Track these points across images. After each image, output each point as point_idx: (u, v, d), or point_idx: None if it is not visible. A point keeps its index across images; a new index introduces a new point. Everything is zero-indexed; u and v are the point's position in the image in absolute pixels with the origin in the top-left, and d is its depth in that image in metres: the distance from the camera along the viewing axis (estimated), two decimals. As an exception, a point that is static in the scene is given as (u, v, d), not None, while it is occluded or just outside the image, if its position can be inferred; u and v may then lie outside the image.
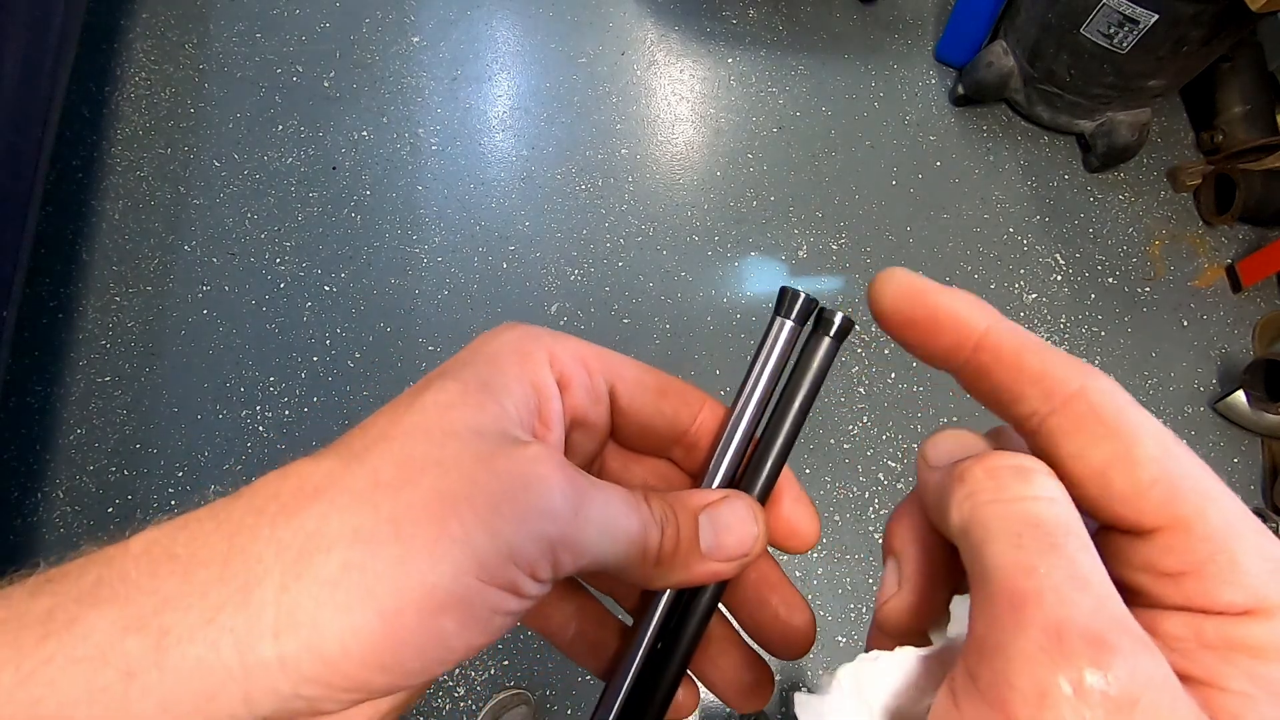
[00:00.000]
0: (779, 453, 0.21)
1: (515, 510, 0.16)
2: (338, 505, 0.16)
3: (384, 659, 0.15)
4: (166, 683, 0.14)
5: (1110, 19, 1.22)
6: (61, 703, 0.14)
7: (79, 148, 1.30)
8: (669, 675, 0.21)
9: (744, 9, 1.58)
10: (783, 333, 0.21)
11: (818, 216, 1.41)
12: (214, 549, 0.15)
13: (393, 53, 1.45)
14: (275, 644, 0.15)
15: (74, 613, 0.14)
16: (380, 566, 0.15)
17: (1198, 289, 1.45)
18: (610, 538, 0.17)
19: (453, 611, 0.15)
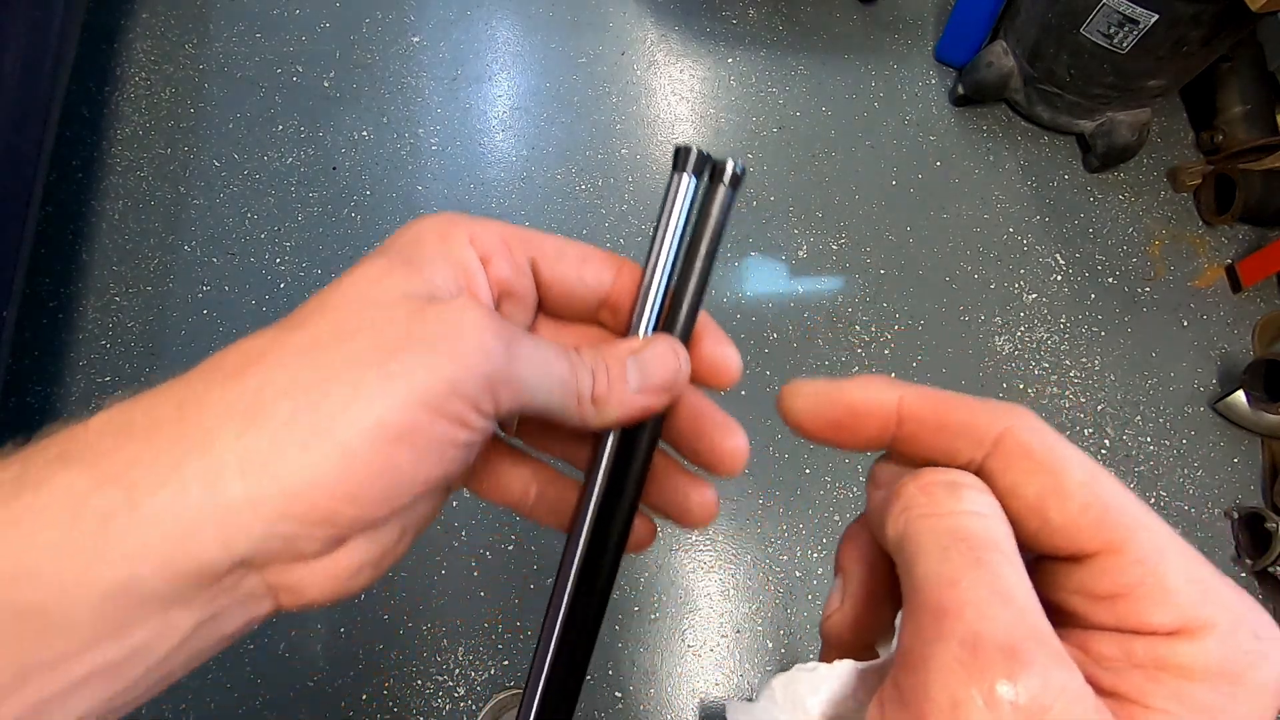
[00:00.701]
0: (692, 298, 0.22)
1: (452, 350, 0.17)
2: (281, 364, 0.16)
3: (348, 488, 0.16)
4: (142, 526, 0.15)
5: (1110, 19, 1.22)
6: (43, 550, 0.14)
7: (79, 148, 1.30)
8: (623, 510, 0.22)
9: (744, 9, 1.58)
10: (681, 187, 0.22)
11: (818, 216, 1.41)
12: (168, 415, 0.16)
13: (393, 53, 1.45)
14: (242, 484, 0.15)
15: (43, 474, 0.15)
16: (330, 406, 0.16)
17: (1198, 289, 1.45)
18: (544, 376, 0.19)
19: (405, 441, 0.16)
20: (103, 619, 0.15)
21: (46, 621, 0.14)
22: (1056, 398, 1.33)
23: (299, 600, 0.18)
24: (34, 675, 0.14)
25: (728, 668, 1.11)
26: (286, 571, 0.17)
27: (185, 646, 0.16)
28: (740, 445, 0.23)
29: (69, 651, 0.14)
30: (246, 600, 0.17)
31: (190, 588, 0.15)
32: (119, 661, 0.15)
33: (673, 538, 1.17)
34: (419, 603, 1.09)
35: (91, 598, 0.14)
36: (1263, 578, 1.24)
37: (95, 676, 0.15)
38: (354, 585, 0.18)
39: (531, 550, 1.13)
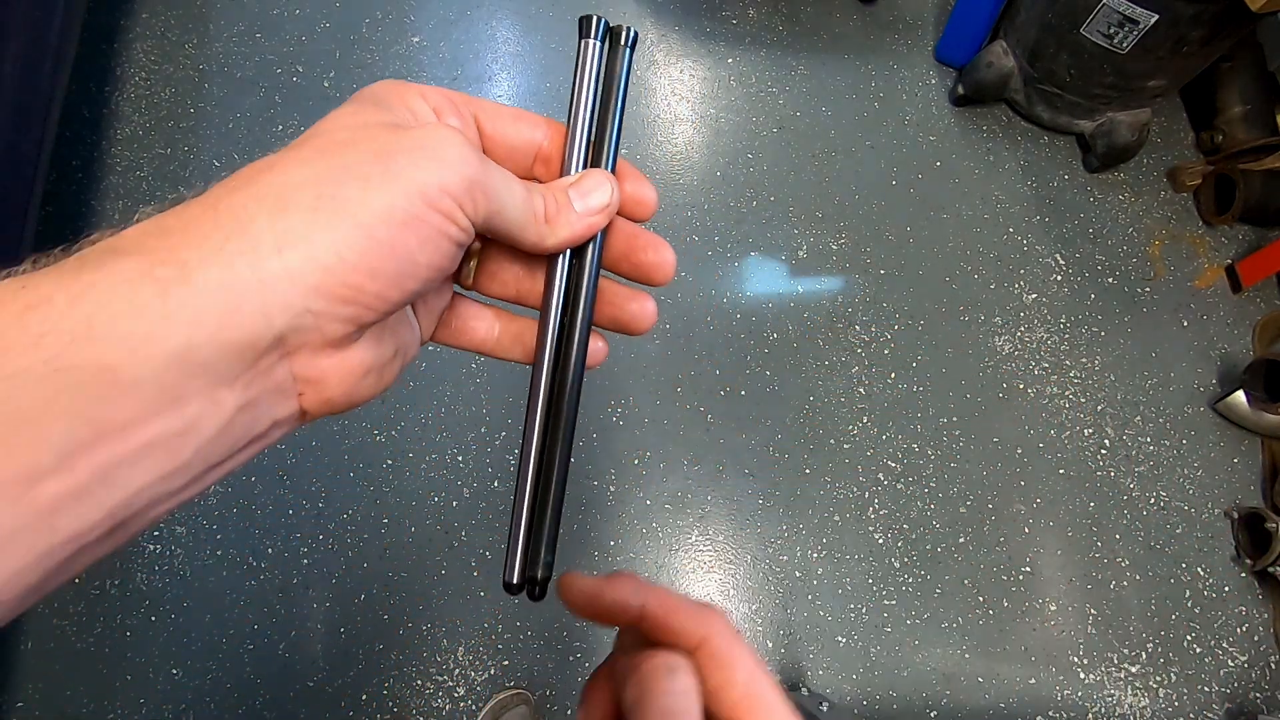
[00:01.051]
0: (610, 143, 0.26)
1: (438, 156, 0.20)
2: (295, 164, 0.19)
3: (369, 263, 0.18)
4: (197, 296, 0.17)
5: (1110, 19, 1.22)
6: (113, 316, 0.16)
7: (79, 148, 1.30)
8: (582, 318, 0.27)
9: (744, 9, 1.58)
10: (591, 52, 0.26)
11: (818, 216, 1.41)
12: (203, 214, 0.18)
13: (393, 53, 1.45)
14: (280, 259, 0.17)
15: (101, 260, 0.17)
16: (348, 194, 0.18)
17: (1198, 289, 1.45)
18: (509, 191, 0.22)
19: (412, 228, 0.19)
20: (163, 386, 0.16)
21: (117, 381, 0.15)
22: (1056, 398, 1.33)
23: (320, 396, 0.20)
24: (106, 436, 0.15)
25: (728, 668, 1.11)
26: (312, 362, 0.19)
27: (227, 431, 0.18)
28: (667, 257, 0.27)
29: (135, 416, 0.16)
30: (277, 391, 0.19)
31: (235, 362, 0.17)
32: (175, 434, 0.17)
33: (672, 537, 1.17)
34: (419, 603, 1.09)
35: (155, 362, 0.16)
36: (1263, 578, 1.24)
37: (155, 447, 0.16)
38: (362, 390, 0.21)
39: (531, 550, 1.13)
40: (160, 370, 0.16)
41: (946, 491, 1.24)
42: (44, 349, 0.15)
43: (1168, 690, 1.18)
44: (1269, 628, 1.23)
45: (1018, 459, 1.28)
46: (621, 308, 0.28)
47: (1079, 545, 1.24)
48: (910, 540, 1.21)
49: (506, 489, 1.15)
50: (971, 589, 1.19)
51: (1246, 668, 1.20)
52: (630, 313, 0.28)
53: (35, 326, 0.15)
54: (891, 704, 1.12)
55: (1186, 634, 1.21)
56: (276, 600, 1.07)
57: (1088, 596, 1.21)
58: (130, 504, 0.16)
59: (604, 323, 0.28)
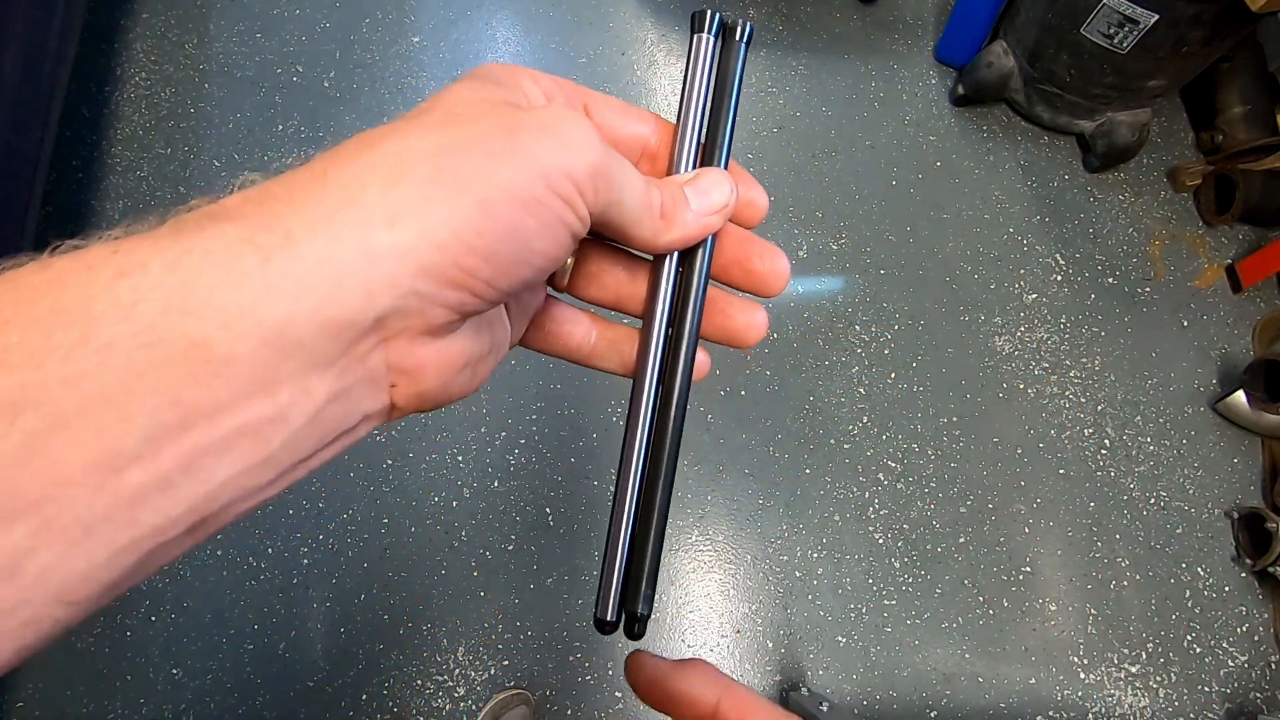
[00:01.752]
0: (724, 144, 0.25)
1: (565, 138, 0.19)
2: (415, 133, 0.18)
3: (486, 244, 0.17)
4: (300, 267, 0.15)
5: (1110, 19, 1.22)
6: (210, 285, 0.14)
7: (79, 148, 1.30)
8: (690, 329, 0.25)
9: (744, 9, 1.58)
10: (703, 47, 0.25)
11: (818, 216, 1.41)
12: (309, 182, 0.17)
13: (393, 53, 1.45)
14: (391, 233, 0.16)
15: (201, 224, 0.16)
16: (470, 167, 0.17)
17: (1198, 289, 1.45)
18: (629, 180, 0.21)
19: (532, 210, 0.18)
20: (256, 366, 0.15)
21: (211, 359, 0.14)
22: (1056, 398, 1.33)
23: (413, 389, 0.19)
24: (194, 420, 0.14)
25: (728, 668, 1.11)
26: (409, 350, 0.18)
27: (316, 422, 0.17)
28: (783, 266, 0.26)
29: (225, 399, 0.15)
30: (370, 381, 0.18)
31: (331, 343, 0.16)
32: (265, 422, 0.15)
33: (672, 537, 1.17)
34: (419, 603, 1.09)
35: (250, 339, 0.15)
36: (1263, 578, 1.24)
37: (244, 436, 0.15)
38: (457, 386, 0.20)
39: (531, 550, 1.13)
40: (255, 348, 0.15)
41: (946, 491, 1.24)
42: (135, 320, 0.14)
43: (1168, 690, 1.18)
44: (1269, 628, 1.23)
45: (1018, 459, 1.28)
46: (731, 318, 0.26)
47: (1079, 545, 1.24)
48: (910, 540, 1.21)
49: (507, 489, 1.16)
50: (971, 589, 1.19)
51: (1246, 668, 1.20)
52: (740, 324, 0.26)
53: (128, 295, 0.14)
54: (891, 704, 1.12)
55: (1186, 634, 1.21)
56: (276, 600, 1.07)
57: (1088, 596, 1.21)
58: (214, 498, 0.15)
59: (711, 334, 0.26)
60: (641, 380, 0.25)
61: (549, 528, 1.14)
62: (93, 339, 0.13)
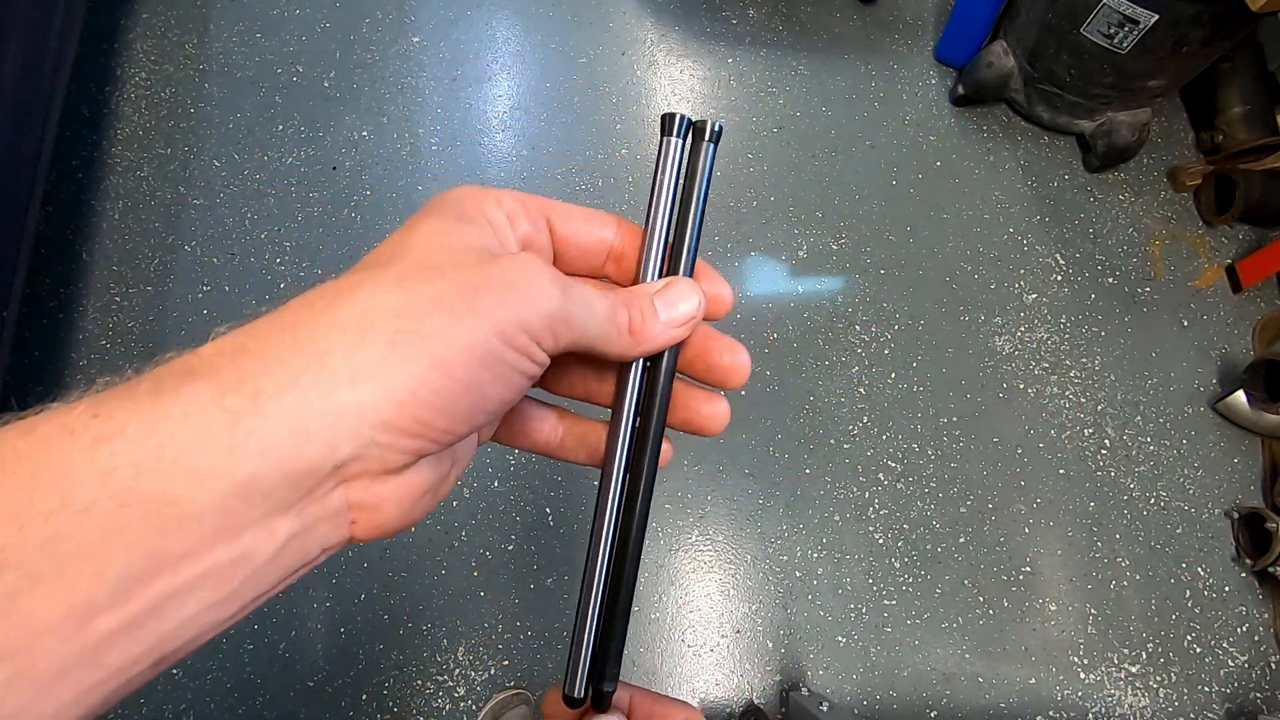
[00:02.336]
0: (691, 243, 0.26)
1: (522, 295, 0.20)
2: (381, 291, 0.19)
3: (443, 400, 0.18)
4: (267, 427, 0.17)
5: (1110, 19, 1.22)
6: (182, 448, 0.16)
7: (79, 148, 1.30)
8: (655, 427, 0.26)
9: (744, 9, 1.58)
10: (671, 150, 0.25)
11: (818, 216, 1.41)
12: (279, 337, 0.18)
13: (393, 53, 1.45)
14: (353, 392, 0.17)
15: (176, 385, 0.17)
16: (430, 329, 0.18)
17: (1198, 289, 1.45)
18: (591, 315, 0.22)
19: (488, 365, 0.19)
20: (223, 517, 0.16)
21: (180, 515, 0.15)
22: (1056, 398, 1.33)
23: (373, 521, 0.20)
24: (161, 570, 0.15)
25: (728, 668, 1.11)
26: (369, 488, 0.19)
27: (278, 559, 0.18)
28: (743, 360, 0.26)
29: (192, 548, 0.16)
30: (330, 519, 0.19)
31: (294, 490, 0.17)
32: (228, 564, 0.17)
33: (672, 537, 1.17)
34: (419, 603, 1.09)
35: (219, 494, 0.16)
36: (1263, 578, 1.24)
37: (207, 578, 0.16)
38: (418, 510, 0.21)
39: (531, 550, 1.13)
40: (221, 500, 0.16)
41: (946, 491, 1.24)
42: (112, 484, 0.15)
43: (1168, 690, 1.18)
44: (1269, 628, 1.23)
45: (1018, 459, 1.28)
46: (695, 410, 0.27)
47: (1079, 545, 1.24)
48: (910, 540, 1.21)
49: (507, 489, 1.16)
50: (971, 589, 1.19)
51: (1246, 668, 1.20)
52: (703, 415, 0.27)
53: (106, 460, 0.15)
54: (891, 704, 1.12)
55: (1186, 634, 1.21)
56: (277, 600, 1.07)
57: (1088, 596, 1.21)
58: (177, 635, 0.16)
59: (674, 424, 0.27)
60: (609, 475, 0.26)
61: (549, 528, 1.14)
62: (72, 503, 0.15)
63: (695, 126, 0.26)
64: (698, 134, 0.26)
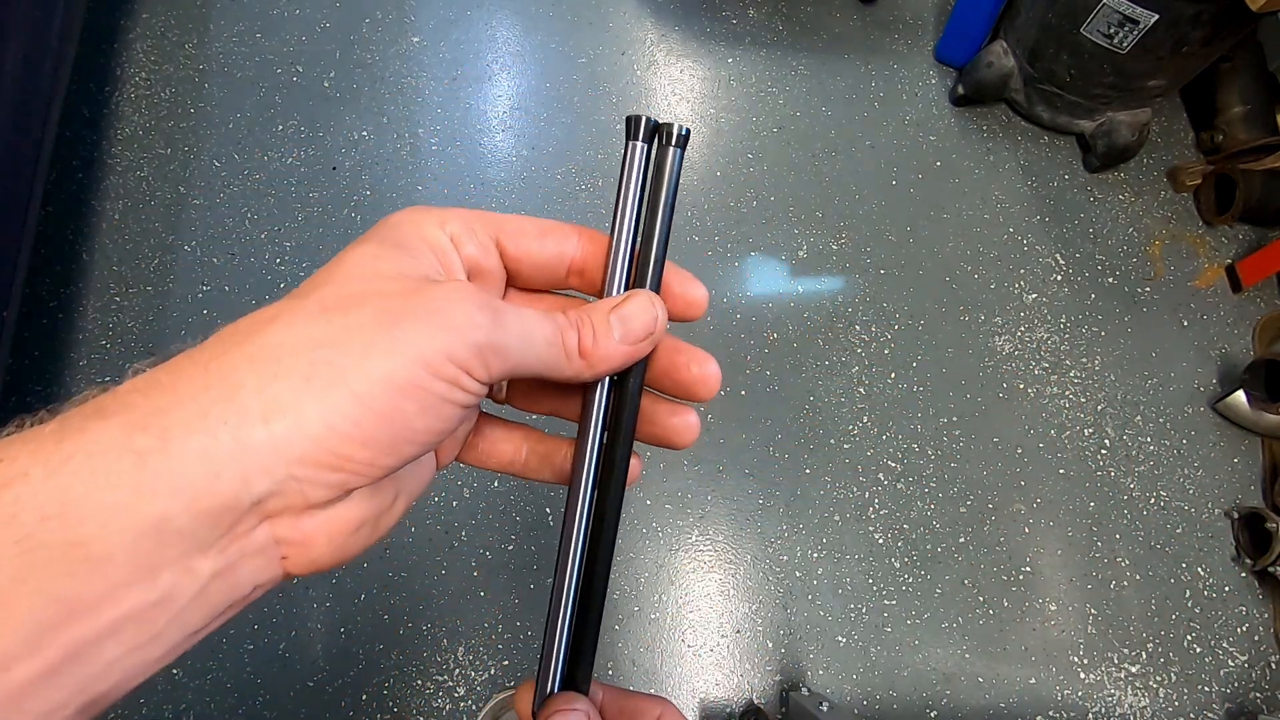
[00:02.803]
0: (658, 250, 0.25)
1: (445, 324, 0.19)
2: (296, 323, 0.18)
3: (362, 433, 0.18)
4: (174, 465, 0.16)
5: (1110, 19, 1.22)
6: (87, 489, 0.15)
7: (79, 148, 1.30)
8: (622, 445, 0.25)
9: (744, 9, 1.58)
10: (636, 154, 0.25)
11: (818, 216, 1.41)
12: (193, 373, 0.17)
13: (393, 53, 1.45)
14: (266, 428, 0.17)
15: (82, 425, 0.16)
16: (345, 361, 0.18)
17: (1198, 289, 1.45)
18: (529, 342, 0.21)
19: (410, 396, 0.18)
20: (136, 558, 0.16)
21: (88, 557, 0.15)
22: (1056, 398, 1.33)
23: (305, 557, 0.19)
24: (76, 614, 0.15)
25: (728, 668, 1.11)
26: (295, 524, 0.18)
27: (203, 599, 0.17)
28: (712, 370, 0.26)
29: (106, 591, 0.15)
30: (257, 555, 0.18)
31: (211, 528, 0.17)
32: (148, 606, 0.16)
33: (672, 537, 1.17)
34: (419, 603, 1.09)
35: (129, 535, 0.15)
36: (1263, 578, 1.24)
37: (128, 620, 0.16)
38: (354, 544, 0.20)
39: (531, 550, 1.13)
40: (132, 542, 0.15)
41: (946, 491, 1.24)
42: (15, 528, 0.15)
43: (1168, 690, 1.18)
44: (1269, 628, 1.23)
45: (1018, 459, 1.28)
46: (662, 424, 0.26)
47: (1079, 545, 1.24)
48: (910, 540, 1.21)
49: (507, 489, 1.15)
50: (971, 589, 1.19)
51: (1246, 668, 1.20)
52: (671, 428, 0.26)
53: (8, 505, 0.15)
54: (891, 704, 1.12)
55: (1186, 634, 1.21)
56: (276, 600, 1.07)
57: (1088, 596, 1.21)
58: (103, 678, 0.16)
59: (643, 438, 0.27)
60: (576, 494, 0.25)
61: (549, 527, 1.14)
62: None
63: (661, 130, 0.25)
64: (665, 138, 0.25)
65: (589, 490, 0.25)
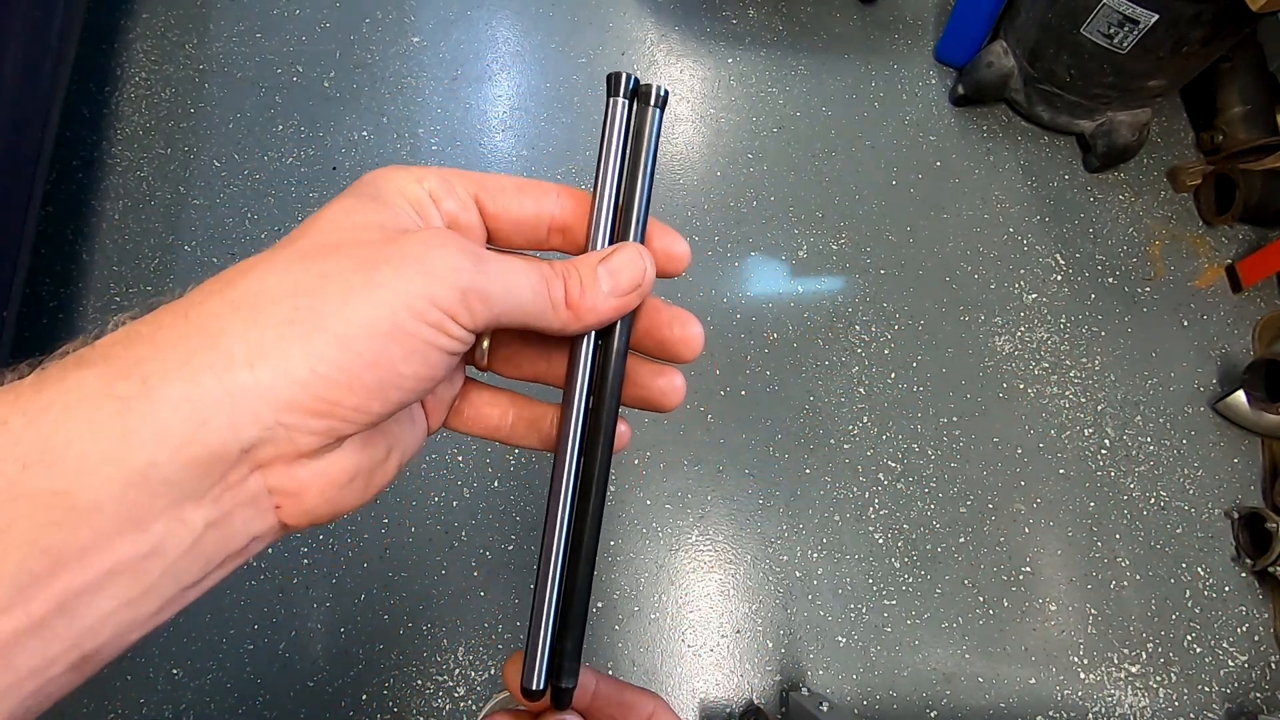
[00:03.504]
0: (640, 207, 0.25)
1: (425, 268, 0.19)
2: (275, 270, 0.18)
3: (346, 376, 0.17)
4: (159, 411, 0.16)
5: (1110, 19, 1.22)
6: (69, 437, 0.15)
7: (79, 148, 1.30)
8: (609, 406, 0.25)
9: (744, 9, 1.58)
10: (618, 111, 0.24)
11: (818, 216, 1.41)
12: (173, 322, 0.17)
13: (393, 53, 1.45)
14: (251, 373, 0.16)
15: (62, 374, 0.16)
16: (327, 307, 0.17)
17: (1198, 289, 1.45)
18: (514, 289, 0.21)
19: (395, 340, 0.18)
20: (124, 508, 0.15)
21: (73, 506, 0.15)
22: (1056, 398, 1.33)
23: (299, 507, 0.19)
24: (64, 565, 0.15)
25: (728, 668, 1.11)
26: (287, 473, 0.18)
27: (197, 550, 0.17)
28: (695, 331, 0.25)
29: (94, 541, 0.15)
30: (250, 505, 0.18)
31: (202, 478, 0.16)
32: (139, 557, 0.16)
33: (672, 537, 1.17)
34: (419, 603, 1.09)
35: (115, 484, 0.15)
36: (1263, 578, 1.24)
37: (118, 572, 0.15)
38: (348, 498, 0.20)
39: (531, 550, 1.13)
40: (120, 491, 0.15)
41: (946, 491, 1.24)
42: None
43: (1168, 690, 1.18)
44: (1269, 628, 1.23)
45: (1018, 459, 1.28)
46: (647, 386, 0.26)
47: (1079, 545, 1.24)
48: (910, 540, 1.21)
49: (507, 489, 1.16)
50: (971, 589, 1.19)
51: (1246, 668, 1.20)
52: (658, 389, 0.26)
53: None
54: (891, 704, 1.12)
55: (1186, 634, 1.21)
56: (276, 600, 1.07)
57: (1088, 596, 1.21)
58: (96, 632, 0.15)
59: (628, 402, 0.26)
60: (563, 460, 0.25)
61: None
62: None
63: (640, 90, 0.25)
64: (643, 97, 0.25)
65: (576, 454, 0.25)
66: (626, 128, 0.25)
